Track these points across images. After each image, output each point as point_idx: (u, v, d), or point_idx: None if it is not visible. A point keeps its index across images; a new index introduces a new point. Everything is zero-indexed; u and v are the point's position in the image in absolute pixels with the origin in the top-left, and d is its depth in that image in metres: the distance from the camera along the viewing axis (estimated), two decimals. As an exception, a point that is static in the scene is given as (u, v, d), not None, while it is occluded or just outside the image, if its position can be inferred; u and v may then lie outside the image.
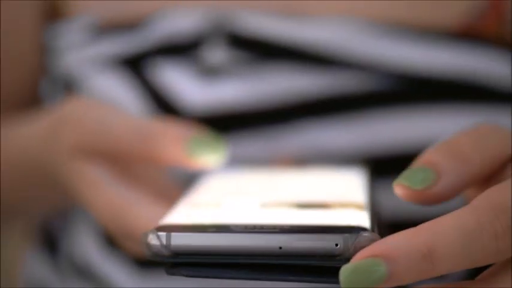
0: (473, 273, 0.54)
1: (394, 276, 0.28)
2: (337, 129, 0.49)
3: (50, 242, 0.57)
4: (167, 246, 0.31)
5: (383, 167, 0.49)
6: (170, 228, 0.31)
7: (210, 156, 0.42)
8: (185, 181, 0.46)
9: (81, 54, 0.52)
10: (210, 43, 0.50)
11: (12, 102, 0.57)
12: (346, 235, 0.30)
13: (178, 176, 0.47)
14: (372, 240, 0.30)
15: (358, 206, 0.34)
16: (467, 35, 0.51)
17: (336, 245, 0.29)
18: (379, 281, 0.28)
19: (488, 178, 0.35)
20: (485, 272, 0.31)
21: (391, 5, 0.51)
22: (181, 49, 0.50)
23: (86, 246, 0.53)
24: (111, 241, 0.52)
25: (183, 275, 0.31)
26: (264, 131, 0.49)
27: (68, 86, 0.53)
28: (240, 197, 0.37)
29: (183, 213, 0.34)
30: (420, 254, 0.28)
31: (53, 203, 0.55)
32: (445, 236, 0.28)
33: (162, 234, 0.31)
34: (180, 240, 0.30)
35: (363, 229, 0.30)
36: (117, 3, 0.53)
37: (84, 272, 0.53)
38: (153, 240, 0.31)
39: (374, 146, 0.49)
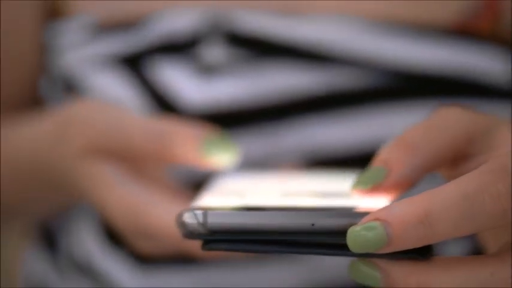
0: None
1: (393, 240, 0.29)
2: (335, 126, 0.50)
3: (50, 240, 0.57)
4: (204, 224, 0.31)
5: None
6: (206, 208, 0.32)
7: (222, 156, 0.42)
8: (192, 183, 0.47)
9: (81, 53, 0.53)
10: (208, 41, 0.50)
11: (12, 102, 0.57)
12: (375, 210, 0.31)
13: (186, 178, 0.48)
14: None
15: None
16: (462, 32, 0.52)
17: None
18: (378, 243, 0.29)
19: (455, 158, 0.36)
20: (502, 247, 0.31)
21: (387, 3, 0.51)
22: (180, 47, 0.50)
23: (86, 244, 0.53)
24: (112, 238, 0.52)
25: (221, 249, 0.31)
26: (262, 128, 0.50)
27: (68, 86, 0.53)
28: (261, 189, 0.38)
29: (212, 200, 0.35)
30: (417, 218, 0.29)
31: (54, 205, 0.55)
32: (443, 200, 0.29)
33: (199, 212, 0.31)
34: (216, 218, 0.31)
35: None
36: (116, 2, 0.53)
37: (84, 269, 0.53)
38: (189, 218, 0.31)
39: (372, 142, 0.49)
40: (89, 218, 0.53)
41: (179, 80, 0.50)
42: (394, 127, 0.49)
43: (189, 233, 0.31)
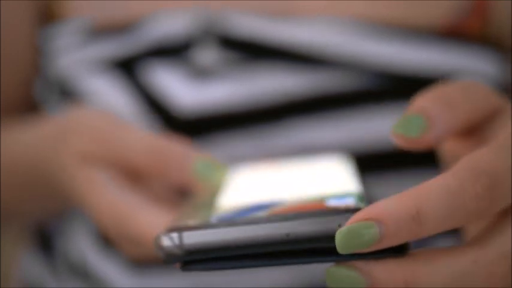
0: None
1: (385, 237, 0.29)
2: (326, 128, 0.50)
3: (45, 242, 0.57)
4: (180, 246, 0.31)
5: (370, 163, 0.50)
6: (181, 228, 0.32)
7: (214, 178, 0.43)
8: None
9: (75, 56, 0.53)
10: (201, 44, 0.50)
11: (7, 105, 0.58)
12: (347, 215, 0.30)
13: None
14: None
15: (353, 190, 0.35)
16: (452, 34, 0.52)
17: (339, 225, 0.30)
18: (371, 242, 0.29)
19: (471, 130, 0.37)
20: (477, 234, 0.32)
21: (377, 5, 0.51)
22: (173, 51, 0.50)
23: (82, 246, 0.53)
24: (107, 240, 0.52)
25: (199, 270, 0.31)
26: (254, 130, 0.50)
27: (62, 89, 0.53)
28: (243, 195, 0.38)
29: (191, 214, 0.35)
30: (410, 215, 0.30)
31: (50, 209, 0.55)
32: (431, 198, 0.30)
33: (175, 234, 0.31)
34: (192, 238, 0.31)
35: (362, 208, 0.31)
36: (110, 5, 0.53)
37: (79, 271, 0.53)
38: (166, 241, 0.31)
39: (361, 143, 0.50)
40: (84, 220, 0.53)
41: (172, 83, 0.50)
42: (385, 129, 0.50)
43: (168, 256, 0.31)
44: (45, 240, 0.57)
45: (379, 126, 0.50)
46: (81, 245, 0.53)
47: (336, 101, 0.50)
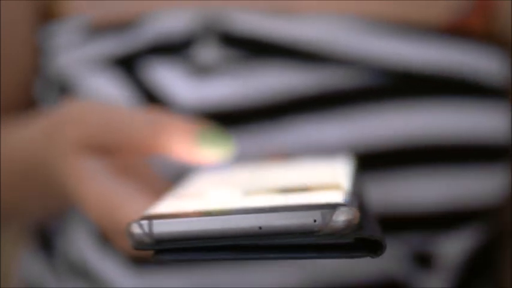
0: (471, 269, 0.55)
1: None
2: (328, 125, 0.50)
3: (46, 241, 0.57)
4: (150, 234, 0.31)
5: (373, 161, 0.50)
6: (152, 217, 0.31)
7: (217, 150, 0.42)
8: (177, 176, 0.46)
9: (75, 54, 0.53)
10: (202, 42, 0.50)
11: (7, 104, 0.57)
12: (324, 210, 0.30)
13: (174, 172, 0.48)
14: (351, 215, 0.30)
15: (338, 187, 0.34)
16: (455, 31, 0.52)
17: (315, 220, 0.30)
18: None
19: None
20: None
21: (379, 2, 0.51)
22: (173, 48, 0.50)
23: (82, 245, 0.53)
24: (106, 239, 0.52)
25: (168, 261, 0.31)
26: (256, 128, 0.50)
27: (62, 87, 0.53)
28: (224, 187, 0.37)
29: (167, 204, 0.35)
30: None
31: (49, 208, 0.55)
32: None
33: (144, 222, 0.31)
34: (161, 227, 0.31)
35: (341, 204, 0.30)
36: (109, 3, 0.53)
37: (79, 270, 0.53)
38: (136, 229, 0.31)
39: (364, 141, 0.49)
40: (84, 220, 0.53)
41: (173, 81, 0.50)
42: (387, 126, 0.49)
43: (137, 244, 0.31)
44: (45, 240, 0.57)
45: (382, 124, 0.49)
46: (81, 245, 0.53)
47: (339, 99, 0.50)
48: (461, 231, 0.52)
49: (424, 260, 0.52)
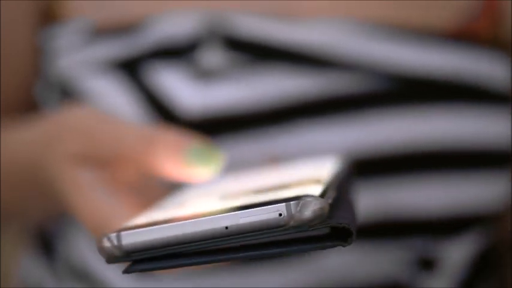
0: (474, 273, 0.55)
1: None
2: (332, 130, 0.50)
3: (46, 245, 0.57)
4: (119, 246, 0.30)
5: (377, 166, 0.50)
6: (121, 229, 0.31)
7: (206, 168, 0.42)
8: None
9: (77, 57, 0.52)
10: (206, 46, 0.50)
11: (8, 106, 0.57)
12: (289, 203, 0.29)
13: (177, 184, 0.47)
14: (317, 205, 0.29)
15: (318, 182, 0.33)
16: (460, 36, 0.52)
17: (280, 214, 0.29)
18: None
19: None
20: None
21: (384, 7, 0.51)
22: (177, 52, 0.50)
23: (82, 249, 0.53)
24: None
25: (139, 271, 0.30)
26: (260, 132, 0.50)
27: (64, 90, 0.53)
28: (204, 195, 0.37)
29: (143, 216, 0.34)
30: None
31: (48, 211, 0.55)
32: None
33: (113, 235, 0.30)
34: (129, 238, 0.30)
35: (307, 196, 0.29)
36: (112, 6, 0.53)
37: (80, 273, 0.53)
38: (105, 243, 0.31)
39: (368, 146, 0.49)
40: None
41: (176, 85, 0.50)
42: (391, 132, 0.49)
43: (109, 257, 0.30)
44: (46, 243, 0.57)
45: (386, 129, 0.49)
46: (82, 248, 0.53)
47: (343, 103, 0.50)
48: (465, 236, 0.53)
49: (427, 265, 0.52)
